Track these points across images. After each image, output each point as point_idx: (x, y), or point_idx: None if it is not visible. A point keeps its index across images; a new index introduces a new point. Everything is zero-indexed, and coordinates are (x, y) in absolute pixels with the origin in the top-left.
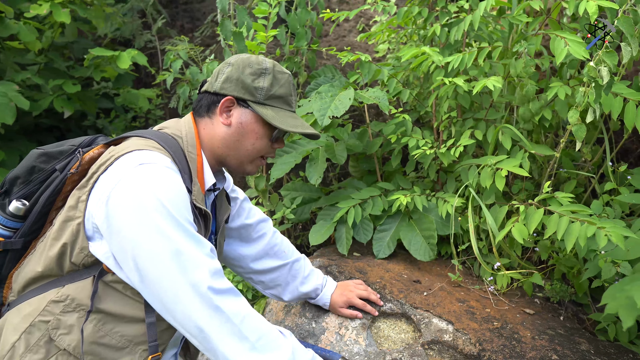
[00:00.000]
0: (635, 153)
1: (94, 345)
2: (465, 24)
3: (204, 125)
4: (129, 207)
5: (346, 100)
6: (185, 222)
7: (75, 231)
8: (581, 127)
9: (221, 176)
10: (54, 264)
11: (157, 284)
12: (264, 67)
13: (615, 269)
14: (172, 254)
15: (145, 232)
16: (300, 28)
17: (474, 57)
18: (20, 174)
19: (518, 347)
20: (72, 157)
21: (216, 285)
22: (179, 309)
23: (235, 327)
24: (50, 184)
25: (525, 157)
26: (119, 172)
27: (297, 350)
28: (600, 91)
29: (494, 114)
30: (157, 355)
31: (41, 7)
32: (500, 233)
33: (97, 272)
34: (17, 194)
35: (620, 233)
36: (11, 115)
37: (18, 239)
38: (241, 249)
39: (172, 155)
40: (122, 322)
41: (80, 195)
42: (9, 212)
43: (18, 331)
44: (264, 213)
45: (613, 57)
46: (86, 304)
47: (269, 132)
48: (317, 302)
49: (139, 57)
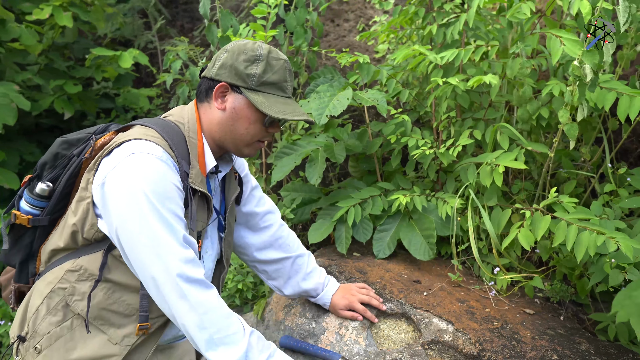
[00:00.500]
0: (635, 153)
1: (104, 311)
2: (461, 23)
3: (204, 110)
4: (118, 193)
5: (344, 100)
6: (165, 210)
7: (86, 209)
8: (573, 126)
9: (227, 159)
10: (70, 238)
11: (136, 264)
12: (258, 54)
13: (623, 276)
14: (149, 239)
15: (128, 216)
16: (299, 27)
17: (470, 55)
18: (47, 160)
19: (518, 347)
20: (87, 144)
21: (186, 272)
22: (152, 287)
23: (198, 316)
24: (69, 167)
25: (521, 152)
26: (115, 158)
27: (252, 348)
28: (584, 89)
29: (493, 113)
30: (145, 325)
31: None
32: (506, 240)
33: (107, 245)
34: (46, 177)
35: (629, 244)
36: (12, 115)
37: (44, 216)
38: (247, 236)
39: (169, 142)
40: (128, 291)
41: (89, 177)
42: (35, 193)
43: (41, 296)
44: (274, 204)
45: (593, 57)
46: (97, 274)
47: (262, 117)
48: (317, 301)
49: (141, 57)
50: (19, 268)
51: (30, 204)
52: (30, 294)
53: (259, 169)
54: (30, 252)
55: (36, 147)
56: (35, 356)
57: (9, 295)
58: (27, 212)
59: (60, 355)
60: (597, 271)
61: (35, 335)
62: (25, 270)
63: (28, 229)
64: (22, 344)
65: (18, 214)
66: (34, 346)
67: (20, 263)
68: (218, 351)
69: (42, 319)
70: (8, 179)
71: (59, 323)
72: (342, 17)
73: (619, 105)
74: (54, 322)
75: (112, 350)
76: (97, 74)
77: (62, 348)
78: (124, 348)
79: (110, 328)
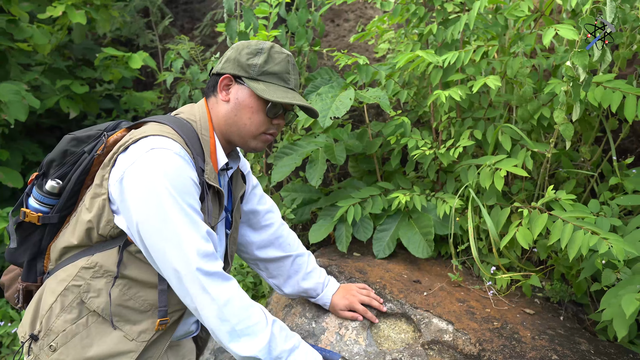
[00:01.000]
0: (634, 152)
1: (120, 307)
2: (461, 24)
3: (212, 105)
4: (138, 187)
5: (347, 101)
6: (186, 205)
7: (102, 206)
8: (568, 126)
9: (235, 156)
10: (84, 235)
11: (157, 258)
12: (260, 48)
13: (616, 275)
14: (171, 232)
15: (149, 211)
16: (300, 28)
17: (470, 55)
18: (55, 157)
19: (518, 347)
20: (98, 140)
21: (204, 267)
22: (174, 281)
23: (219, 308)
24: (80, 165)
25: (528, 155)
26: (134, 154)
27: (275, 338)
28: (578, 90)
29: (492, 112)
30: (165, 320)
31: (56, 9)
32: (504, 239)
33: (122, 242)
34: (53, 175)
35: (621, 247)
36: (24, 112)
37: (54, 214)
38: (248, 234)
39: (184, 139)
40: (145, 287)
41: (104, 174)
42: (46, 190)
43: (55, 294)
44: (274, 203)
45: (584, 58)
46: (113, 270)
47: (263, 105)
48: (317, 301)
49: (149, 60)
50: (27, 266)
51: (39, 201)
52: (41, 292)
53: (263, 168)
54: (39, 250)
55: (38, 147)
56: (50, 354)
57: (14, 294)
58: (36, 209)
59: (76, 352)
60: (588, 266)
61: (50, 333)
62: (34, 269)
63: (37, 227)
64: (34, 343)
65: (28, 212)
66: (49, 344)
67: (28, 261)
68: (241, 342)
69: (56, 317)
70: (11, 177)
71: (75, 320)
72: (342, 17)
73: (625, 106)
74: (69, 319)
75: (129, 347)
76: (105, 74)
77: (78, 345)
78: (140, 344)
79: (126, 324)
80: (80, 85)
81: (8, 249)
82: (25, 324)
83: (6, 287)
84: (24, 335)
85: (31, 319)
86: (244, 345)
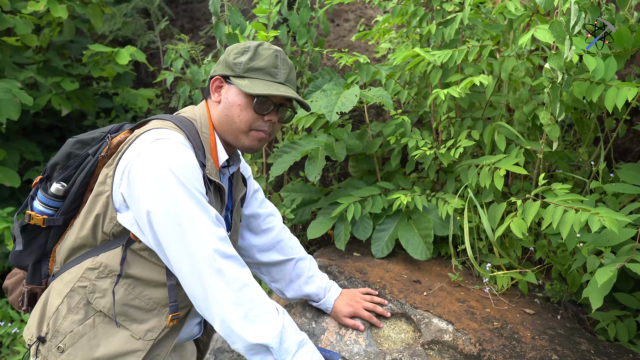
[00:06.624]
0: (634, 152)
1: (125, 307)
2: (457, 22)
3: (209, 108)
4: (146, 176)
5: (352, 97)
6: (195, 190)
7: (105, 203)
8: (554, 127)
9: (236, 158)
10: (89, 234)
11: (169, 245)
12: (247, 46)
13: (600, 261)
14: (185, 217)
15: (159, 198)
16: (302, 27)
17: (464, 55)
18: (59, 160)
19: (518, 347)
20: (102, 143)
21: (222, 249)
22: (185, 268)
23: (233, 292)
24: (84, 167)
25: (520, 153)
26: (139, 146)
27: (287, 330)
28: (557, 91)
29: (492, 112)
30: (177, 314)
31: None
32: (500, 228)
33: (125, 240)
34: (57, 178)
35: (613, 217)
36: (16, 110)
37: (59, 216)
38: (250, 238)
39: (186, 134)
40: (150, 286)
41: (108, 172)
42: (50, 193)
43: (61, 296)
44: (275, 208)
45: (559, 60)
46: (117, 269)
47: (250, 101)
48: (320, 306)
49: (138, 54)
50: (32, 269)
51: (44, 204)
52: (47, 294)
53: (260, 169)
54: (44, 252)
55: (36, 147)
56: (59, 355)
57: (18, 298)
58: (41, 212)
59: (84, 352)
60: (579, 258)
61: (57, 334)
62: (39, 272)
63: (42, 229)
64: (42, 345)
65: (33, 214)
66: (57, 345)
67: (33, 264)
68: (254, 328)
69: (63, 318)
70: (8, 177)
71: (81, 321)
72: (342, 17)
73: (606, 96)
74: (76, 320)
75: (136, 346)
76: (94, 70)
77: (86, 346)
78: (147, 343)
79: (132, 324)
80: (70, 82)
81: (13, 252)
82: (31, 326)
83: (9, 290)
84: (31, 338)
85: (38, 321)
86: (257, 332)
